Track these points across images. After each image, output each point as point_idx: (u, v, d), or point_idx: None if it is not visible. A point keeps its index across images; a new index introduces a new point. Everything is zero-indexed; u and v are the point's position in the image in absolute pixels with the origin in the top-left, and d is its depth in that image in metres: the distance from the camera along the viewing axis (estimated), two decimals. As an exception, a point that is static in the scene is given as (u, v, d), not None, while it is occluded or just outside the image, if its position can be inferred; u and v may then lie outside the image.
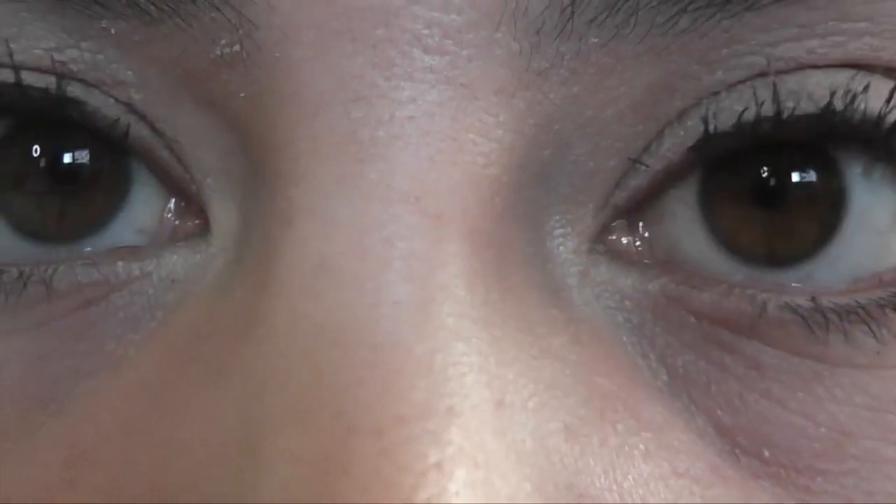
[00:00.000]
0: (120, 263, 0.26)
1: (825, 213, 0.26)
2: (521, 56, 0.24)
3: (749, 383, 0.25)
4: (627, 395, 0.25)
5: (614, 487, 0.24)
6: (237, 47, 0.24)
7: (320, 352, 0.23)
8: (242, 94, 0.25)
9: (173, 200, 0.27)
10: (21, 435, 0.26)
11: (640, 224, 0.26)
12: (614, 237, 0.26)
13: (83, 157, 0.26)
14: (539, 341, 0.24)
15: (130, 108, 0.26)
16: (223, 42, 0.24)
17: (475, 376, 0.23)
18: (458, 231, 0.24)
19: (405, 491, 0.22)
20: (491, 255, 0.24)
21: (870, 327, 0.25)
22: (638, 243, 0.26)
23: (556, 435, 0.24)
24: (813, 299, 0.25)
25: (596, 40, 0.24)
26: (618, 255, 0.26)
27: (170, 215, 0.26)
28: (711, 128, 0.25)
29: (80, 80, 0.26)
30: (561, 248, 0.25)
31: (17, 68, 0.25)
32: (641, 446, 0.24)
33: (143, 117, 0.26)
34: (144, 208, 0.27)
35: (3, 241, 0.27)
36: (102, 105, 0.26)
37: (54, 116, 0.26)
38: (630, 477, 0.24)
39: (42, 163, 0.26)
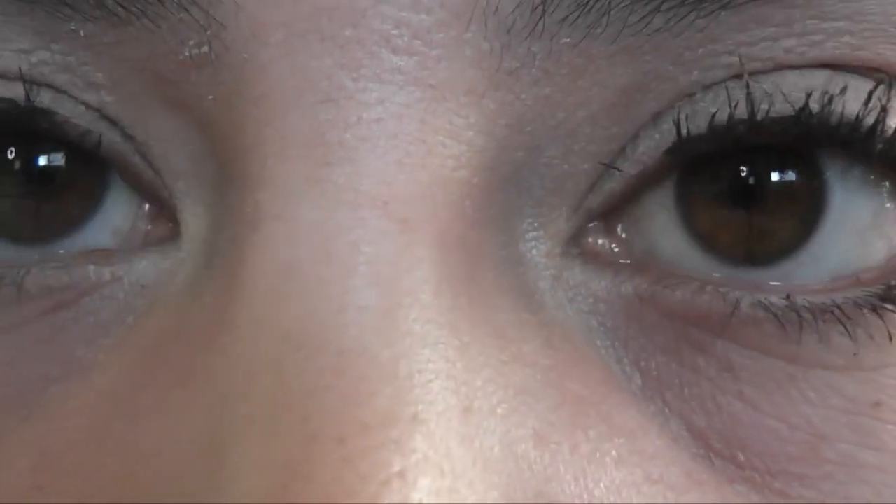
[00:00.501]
0: (91, 267, 0.26)
1: (804, 213, 0.26)
2: (492, 56, 0.24)
3: (722, 385, 0.25)
4: (600, 400, 0.24)
5: (585, 495, 0.23)
6: (205, 48, 0.24)
7: (285, 358, 0.23)
8: (212, 96, 0.24)
9: (147, 205, 0.26)
10: None
11: (616, 226, 0.26)
12: (589, 239, 0.26)
13: (58, 159, 0.26)
14: (509, 346, 0.24)
15: (101, 113, 0.26)
16: (192, 43, 0.24)
17: (441, 383, 0.23)
18: (427, 235, 0.23)
19: (367, 499, 0.21)
20: (460, 259, 0.24)
21: (845, 327, 0.25)
22: (613, 245, 0.26)
23: (526, 441, 0.23)
24: (787, 297, 0.25)
25: (567, 40, 0.24)
26: (592, 258, 0.25)
27: (143, 220, 0.26)
28: (685, 131, 0.25)
29: (50, 86, 0.25)
30: (534, 251, 0.25)
31: None
32: (614, 452, 0.24)
33: (114, 123, 0.26)
34: (119, 211, 0.26)
35: None
36: (73, 114, 0.26)
37: (24, 126, 0.26)
38: (602, 484, 0.24)
39: (17, 165, 0.26)
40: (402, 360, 0.22)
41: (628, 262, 0.26)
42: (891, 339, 0.25)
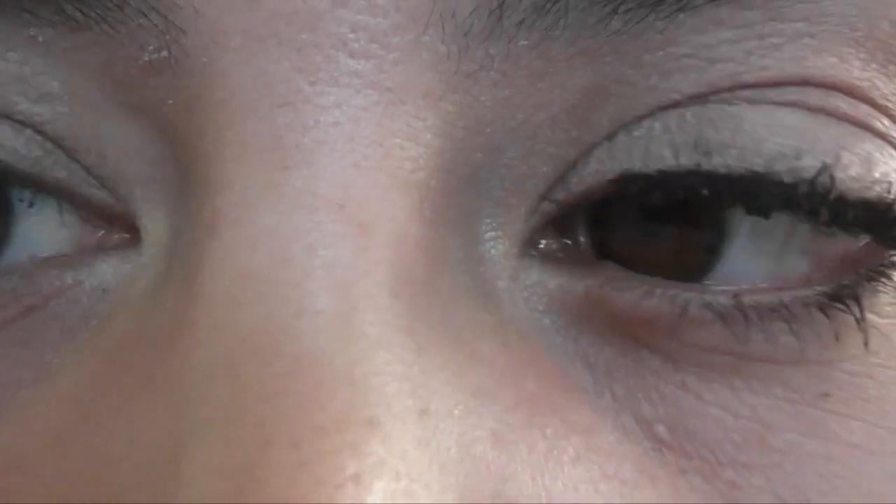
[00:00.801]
0: (53, 272, 0.26)
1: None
2: (450, 59, 0.24)
3: (665, 376, 0.25)
4: (555, 399, 0.25)
5: (543, 493, 0.24)
6: (165, 53, 0.24)
7: (242, 362, 0.23)
8: (171, 101, 0.25)
9: (88, 214, 0.26)
10: None
11: (573, 227, 0.26)
12: (545, 240, 0.26)
13: None
14: (466, 347, 0.24)
15: (45, 137, 0.25)
16: (151, 48, 0.24)
17: (398, 385, 0.23)
18: (384, 238, 0.24)
19: (322, 503, 0.22)
20: (418, 261, 0.24)
21: (791, 326, 0.25)
22: (570, 244, 0.26)
23: (483, 442, 0.23)
24: (735, 297, 0.25)
25: (526, 42, 0.24)
26: (548, 258, 0.26)
27: (91, 228, 0.26)
28: (635, 168, 0.25)
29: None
30: (492, 251, 0.25)
31: None
32: (570, 450, 0.24)
33: (59, 146, 0.25)
34: (62, 219, 0.26)
35: None
36: (15, 148, 0.25)
37: None
38: (559, 482, 0.24)
39: None
40: (358, 364, 0.23)
41: (581, 263, 0.26)
42: (837, 338, 0.25)
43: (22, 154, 0.25)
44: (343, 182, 0.24)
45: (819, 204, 0.25)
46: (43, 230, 0.26)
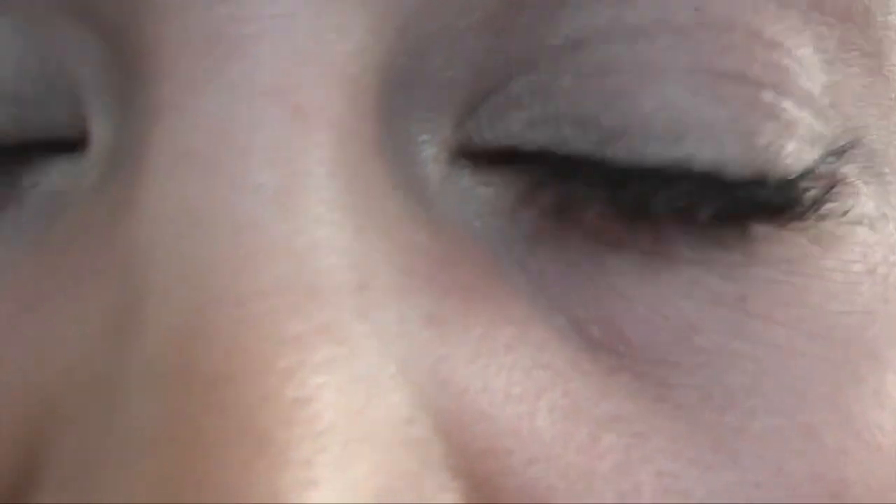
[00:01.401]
0: (6, 178, 0.26)
1: None
2: None
3: (596, 278, 0.26)
4: (489, 291, 0.25)
5: (479, 375, 0.24)
6: None
7: (183, 233, 0.23)
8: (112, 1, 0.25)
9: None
10: None
11: (502, 134, 0.27)
12: (477, 146, 0.26)
13: None
14: (401, 234, 0.25)
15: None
16: None
17: (337, 258, 0.23)
18: (321, 122, 0.24)
19: (265, 358, 0.22)
20: (354, 149, 0.25)
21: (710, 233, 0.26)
22: (500, 154, 0.26)
23: (419, 321, 0.24)
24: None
25: None
26: (480, 165, 0.26)
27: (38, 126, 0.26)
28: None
29: None
30: (423, 153, 0.26)
31: None
32: (503, 339, 0.25)
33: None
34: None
35: None
36: None
37: None
38: (493, 367, 0.24)
39: None
40: (298, 235, 0.23)
41: (512, 169, 0.26)
42: (753, 244, 0.26)
43: None
44: (282, 71, 0.24)
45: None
46: None
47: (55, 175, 0.26)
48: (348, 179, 0.24)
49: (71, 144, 0.26)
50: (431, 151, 0.26)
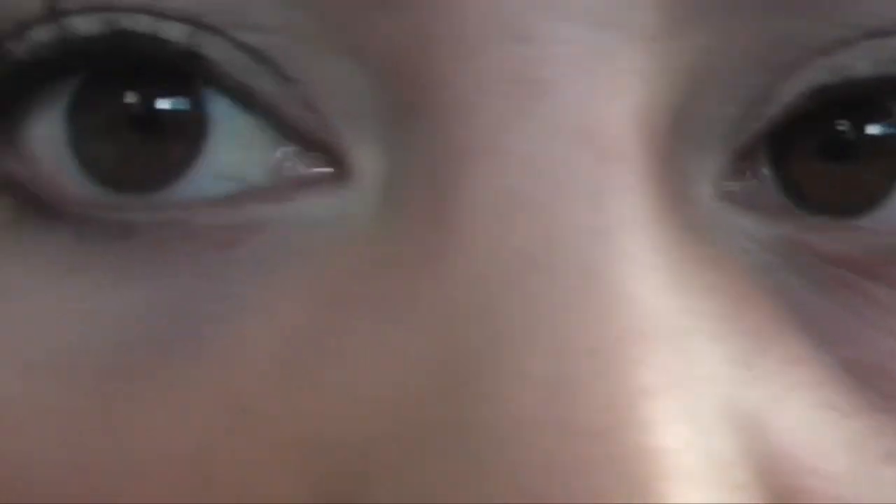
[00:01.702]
0: (250, 206, 0.25)
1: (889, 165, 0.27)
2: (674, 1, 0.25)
3: (872, 320, 0.26)
4: (778, 329, 0.25)
5: (784, 416, 0.25)
6: None
7: (526, 279, 0.23)
8: (391, 35, 0.24)
9: (291, 148, 0.26)
10: (151, 378, 0.24)
11: (763, 170, 0.27)
12: (745, 181, 0.27)
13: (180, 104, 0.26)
14: (704, 276, 0.25)
15: (260, 55, 0.25)
16: None
17: (667, 302, 0.23)
18: (625, 165, 0.24)
19: (631, 409, 0.22)
20: (658, 193, 0.24)
21: None
22: (757, 183, 0.27)
23: (737, 364, 0.24)
24: None
25: None
26: (746, 200, 0.26)
27: (289, 161, 0.26)
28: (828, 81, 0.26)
29: (211, 28, 0.25)
30: (696, 192, 0.26)
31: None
32: (795, 378, 0.25)
33: (271, 65, 0.25)
34: (224, 156, 0.26)
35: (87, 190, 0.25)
36: (227, 58, 0.25)
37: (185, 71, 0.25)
38: (794, 407, 0.25)
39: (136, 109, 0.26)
40: (634, 282, 0.23)
41: (772, 205, 0.27)
42: None
43: (228, 57, 0.25)
44: (588, 112, 0.24)
45: None
46: (235, 151, 0.25)
47: (311, 204, 0.25)
48: (657, 222, 0.24)
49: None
50: (704, 190, 0.26)
